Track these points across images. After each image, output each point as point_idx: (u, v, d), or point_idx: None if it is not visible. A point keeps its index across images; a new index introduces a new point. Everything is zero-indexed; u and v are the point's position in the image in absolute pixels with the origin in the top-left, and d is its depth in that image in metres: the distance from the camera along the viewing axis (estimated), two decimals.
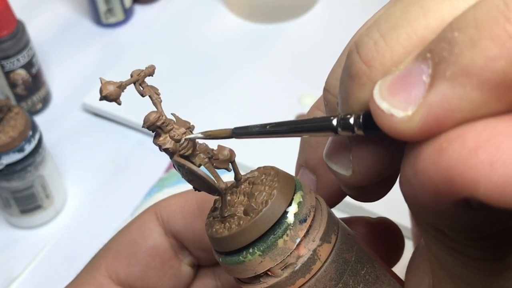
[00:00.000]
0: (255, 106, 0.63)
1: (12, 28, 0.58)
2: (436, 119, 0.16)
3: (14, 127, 0.50)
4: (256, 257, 0.22)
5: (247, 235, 0.22)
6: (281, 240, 0.22)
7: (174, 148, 0.23)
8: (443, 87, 0.16)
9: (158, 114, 0.23)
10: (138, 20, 0.74)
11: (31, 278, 0.54)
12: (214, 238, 0.24)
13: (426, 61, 0.16)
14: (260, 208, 0.22)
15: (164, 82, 0.66)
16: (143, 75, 0.23)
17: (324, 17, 0.71)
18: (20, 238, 0.56)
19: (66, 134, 0.63)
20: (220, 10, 0.73)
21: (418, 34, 0.17)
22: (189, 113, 0.63)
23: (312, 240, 0.22)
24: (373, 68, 0.18)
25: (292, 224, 0.22)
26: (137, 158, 0.61)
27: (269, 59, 0.67)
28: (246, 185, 0.24)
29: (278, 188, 0.23)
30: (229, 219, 0.23)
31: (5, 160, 0.50)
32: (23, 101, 0.63)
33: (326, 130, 0.20)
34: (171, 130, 0.23)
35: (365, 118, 0.19)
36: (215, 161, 0.24)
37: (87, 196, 0.59)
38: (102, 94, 0.22)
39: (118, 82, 0.22)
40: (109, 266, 0.30)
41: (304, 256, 0.22)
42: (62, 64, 0.70)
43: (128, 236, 0.31)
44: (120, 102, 0.22)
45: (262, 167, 0.25)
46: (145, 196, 0.57)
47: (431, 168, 0.16)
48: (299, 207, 0.23)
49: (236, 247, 0.23)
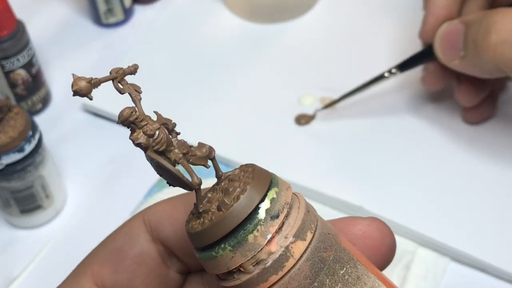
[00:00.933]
0: (255, 106, 0.63)
1: (12, 28, 0.58)
2: None
3: (14, 127, 0.50)
4: (227, 252, 0.22)
5: (218, 230, 0.22)
6: (251, 235, 0.22)
7: (147, 143, 0.23)
8: None
9: (131, 109, 0.23)
10: (138, 20, 0.74)
11: (31, 278, 0.54)
12: (190, 234, 0.24)
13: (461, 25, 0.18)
14: (231, 204, 0.23)
15: (164, 82, 0.66)
16: (121, 72, 0.24)
17: (324, 17, 0.71)
18: (20, 238, 0.56)
19: (66, 134, 0.63)
20: (220, 10, 0.73)
21: None
22: (189, 113, 0.63)
23: (285, 237, 0.22)
24: None
25: (263, 220, 0.22)
26: (137, 158, 0.60)
27: (269, 59, 0.67)
28: (226, 182, 0.25)
29: (251, 184, 0.23)
30: (204, 214, 0.23)
31: (5, 160, 0.50)
32: (23, 101, 0.63)
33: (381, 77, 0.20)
34: (145, 126, 0.23)
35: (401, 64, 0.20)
36: (191, 157, 0.24)
37: (87, 196, 0.59)
38: (72, 89, 0.22)
39: (89, 78, 0.23)
40: (95, 273, 0.30)
41: (275, 252, 0.22)
42: (62, 64, 0.70)
43: (115, 243, 0.31)
44: (91, 98, 0.23)
45: (244, 164, 0.25)
46: (145, 196, 0.57)
47: None
48: (271, 203, 0.23)
49: (209, 242, 0.23)
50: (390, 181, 0.55)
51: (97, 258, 0.31)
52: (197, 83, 0.65)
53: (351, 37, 0.67)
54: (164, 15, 0.73)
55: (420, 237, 0.51)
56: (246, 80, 0.65)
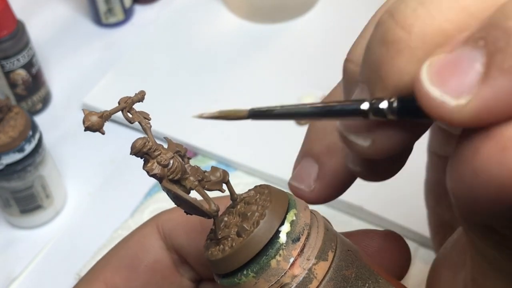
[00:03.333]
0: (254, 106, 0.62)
1: (12, 28, 0.58)
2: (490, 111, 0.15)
3: (14, 127, 0.50)
4: (250, 279, 0.22)
5: (240, 257, 0.22)
6: (273, 260, 0.22)
7: (162, 173, 0.23)
8: (500, 80, 0.15)
9: (144, 140, 0.23)
10: (138, 20, 0.74)
11: (31, 278, 0.54)
12: (210, 261, 0.24)
13: (478, 48, 0.16)
14: (251, 229, 0.22)
15: (164, 82, 0.66)
16: (130, 102, 0.23)
17: (324, 17, 0.71)
18: (20, 238, 0.56)
19: (66, 134, 0.63)
20: (220, 10, 0.73)
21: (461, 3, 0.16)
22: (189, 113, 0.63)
23: (307, 259, 0.22)
24: (413, 34, 0.17)
25: (284, 244, 0.22)
26: (137, 158, 0.60)
27: (269, 59, 0.67)
28: (242, 205, 0.24)
29: (270, 208, 0.23)
30: (223, 241, 0.23)
31: (5, 160, 0.50)
32: (23, 101, 0.63)
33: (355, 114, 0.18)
34: (158, 156, 0.23)
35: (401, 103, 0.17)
36: (206, 183, 0.24)
37: (87, 196, 0.59)
38: (84, 125, 0.22)
39: (101, 112, 0.23)
40: (108, 280, 0.30)
41: (299, 275, 0.22)
42: (62, 64, 0.70)
43: (128, 250, 0.30)
44: (103, 132, 0.22)
45: (258, 185, 0.25)
46: (145, 196, 0.57)
47: (495, 167, 0.15)
48: (291, 226, 0.22)
49: (231, 269, 0.23)
50: (390, 181, 0.55)
51: (110, 265, 0.30)
52: (197, 83, 0.65)
53: (351, 37, 0.67)
54: (164, 15, 0.73)
55: (420, 237, 0.51)
56: (246, 80, 0.65)
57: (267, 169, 0.56)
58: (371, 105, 0.17)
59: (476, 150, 0.16)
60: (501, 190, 0.15)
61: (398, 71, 0.17)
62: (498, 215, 0.17)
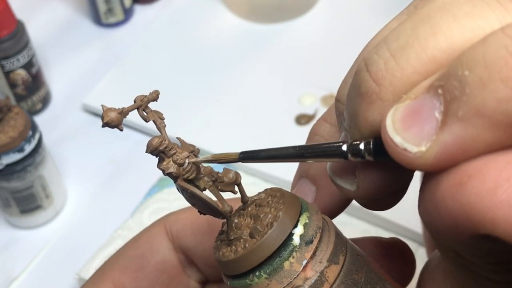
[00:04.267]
0: (255, 106, 0.63)
1: (12, 28, 0.58)
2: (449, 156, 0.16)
3: (14, 127, 0.50)
4: (262, 280, 0.22)
5: (253, 258, 0.22)
6: (287, 262, 0.22)
7: (178, 172, 0.23)
8: (455, 127, 0.16)
9: (161, 138, 0.23)
10: (138, 20, 0.74)
11: (31, 278, 0.54)
12: (221, 262, 0.23)
13: (438, 96, 0.17)
14: (265, 231, 0.22)
15: (164, 82, 0.66)
16: (146, 100, 0.23)
17: (324, 17, 0.71)
18: (20, 238, 0.56)
19: (66, 134, 0.63)
20: (220, 10, 0.73)
21: (428, 53, 0.17)
22: (189, 113, 0.63)
23: (319, 262, 0.22)
24: (383, 87, 0.18)
25: (298, 246, 0.22)
26: (137, 158, 0.61)
27: (269, 59, 0.67)
28: (253, 207, 0.24)
29: (283, 210, 0.23)
30: (235, 242, 0.23)
31: (5, 160, 0.50)
32: (23, 101, 0.63)
33: (335, 156, 0.19)
34: (174, 154, 0.23)
35: (376, 145, 0.19)
36: (220, 184, 0.24)
37: (87, 196, 0.59)
38: (103, 121, 0.22)
39: (120, 109, 0.22)
40: (116, 279, 0.30)
41: (311, 278, 0.22)
42: (62, 64, 0.70)
43: (136, 250, 0.31)
44: (122, 129, 0.23)
45: (269, 188, 0.25)
46: (145, 196, 0.57)
47: (450, 201, 0.16)
48: (305, 228, 0.23)
49: (243, 270, 0.23)
50: None
51: (117, 265, 0.30)
52: (197, 83, 0.65)
53: (351, 37, 0.67)
54: (164, 15, 0.73)
55: (420, 237, 0.51)
56: (246, 80, 0.65)
57: (267, 169, 0.56)
58: (349, 147, 0.19)
59: (437, 183, 0.17)
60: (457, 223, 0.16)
61: (371, 121, 0.19)
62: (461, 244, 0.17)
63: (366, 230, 0.53)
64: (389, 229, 0.53)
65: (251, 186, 0.56)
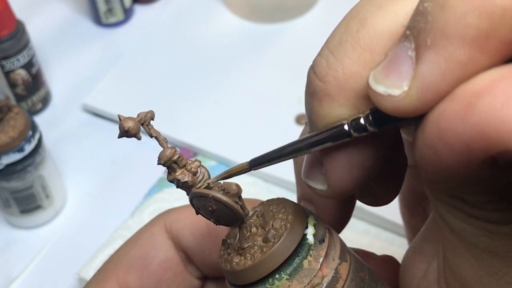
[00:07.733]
0: (255, 106, 0.63)
1: (12, 28, 0.58)
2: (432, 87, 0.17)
3: (14, 127, 0.50)
4: (283, 282, 0.22)
5: (273, 261, 0.23)
6: (306, 261, 0.22)
7: (193, 180, 0.23)
8: (428, 56, 0.17)
9: (173, 149, 0.23)
10: (138, 20, 0.74)
11: (31, 278, 0.54)
12: (236, 272, 0.23)
13: (407, 38, 0.17)
14: (281, 232, 0.23)
15: (164, 81, 0.66)
16: (149, 116, 0.24)
17: (324, 17, 0.71)
18: (20, 238, 0.56)
19: (66, 134, 0.63)
20: (220, 10, 0.73)
21: (361, 44, 0.19)
22: (189, 113, 0.63)
23: (332, 259, 0.23)
24: (328, 83, 0.19)
25: (313, 245, 0.23)
26: (137, 158, 0.61)
27: (269, 59, 0.67)
28: (255, 218, 0.25)
29: (292, 213, 0.23)
30: (248, 249, 0.23)
31: (5, 160, 0.50)
32: (23, 101, 0.63)
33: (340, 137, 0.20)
34: (186, 164, 0.23)
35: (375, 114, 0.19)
36: (227, 195, 0.24)
37: (87, 196, 0.59)
38: (123, 129, 0.22)
39: (137, 117, 0.23)
40: (120, 279, 0.30)
41: (328, 275, 0.23)
42: (62, 64, 0.70)
43: (139, 249, 0.31)
44: (140, 137, 0.23)
45: (265, 201, 0.25)
46: (145, 196, 0.57)
47: (460, 125, 0.16)
48: (315, 228, 0.23)
49: (262, 275, 0.23)
50: None
51: (121, 264, 0.31)
52: (197, 83, 0.65)
53: None
54: (164, 15, 0.73)
55: None
56: (246, 80, 0.65)
57: (267, 169, 0.56)
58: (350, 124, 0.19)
59: (441, 113, 0.17)
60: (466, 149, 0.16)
61: (323, 116, 0.20)
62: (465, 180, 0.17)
63: (366, 230, 0.53)
64: (389, 229, 0.53)
65: (251, 186, 0.56)
